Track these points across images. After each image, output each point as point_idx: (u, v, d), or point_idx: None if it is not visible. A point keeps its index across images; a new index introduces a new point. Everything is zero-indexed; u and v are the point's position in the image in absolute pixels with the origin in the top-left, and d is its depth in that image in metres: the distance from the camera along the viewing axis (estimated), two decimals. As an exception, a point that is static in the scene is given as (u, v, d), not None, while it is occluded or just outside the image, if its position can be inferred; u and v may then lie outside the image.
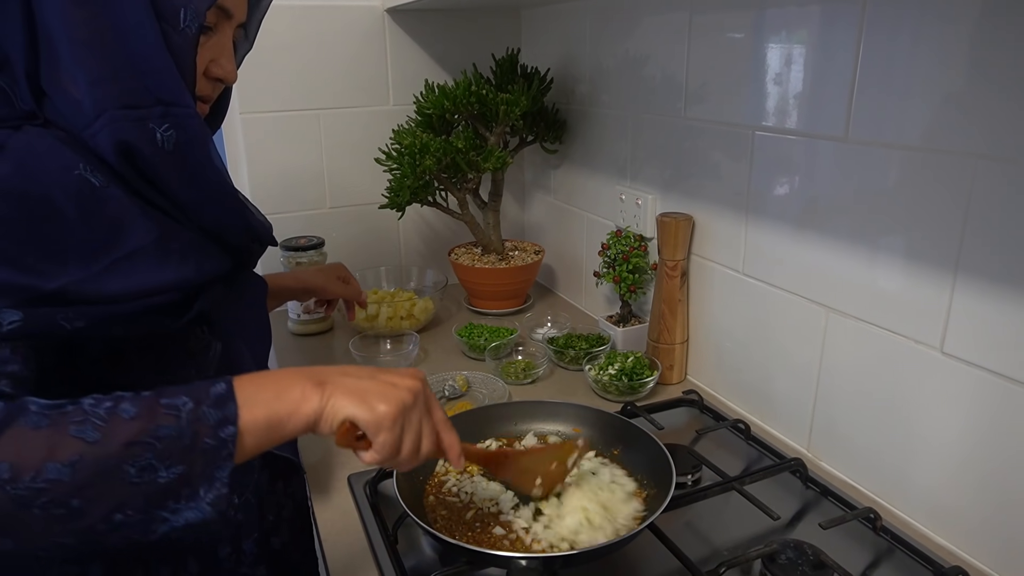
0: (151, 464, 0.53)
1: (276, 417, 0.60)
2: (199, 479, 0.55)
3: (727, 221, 1.15)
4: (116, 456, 0.52)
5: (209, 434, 0.55)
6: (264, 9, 0.81)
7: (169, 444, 0.53)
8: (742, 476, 0.96)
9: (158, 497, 0.53)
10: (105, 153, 0.63)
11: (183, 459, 0.54)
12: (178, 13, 0.64)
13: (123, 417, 0.53)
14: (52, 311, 0.58)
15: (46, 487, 0.50)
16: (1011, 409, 0.78)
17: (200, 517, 0.55)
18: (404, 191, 1.44)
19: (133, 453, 0.52)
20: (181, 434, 0.54)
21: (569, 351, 1.33)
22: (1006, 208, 0.75)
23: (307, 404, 0.61)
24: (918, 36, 0.81)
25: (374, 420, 0.63)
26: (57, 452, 0.51)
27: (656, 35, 1.25)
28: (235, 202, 0.74)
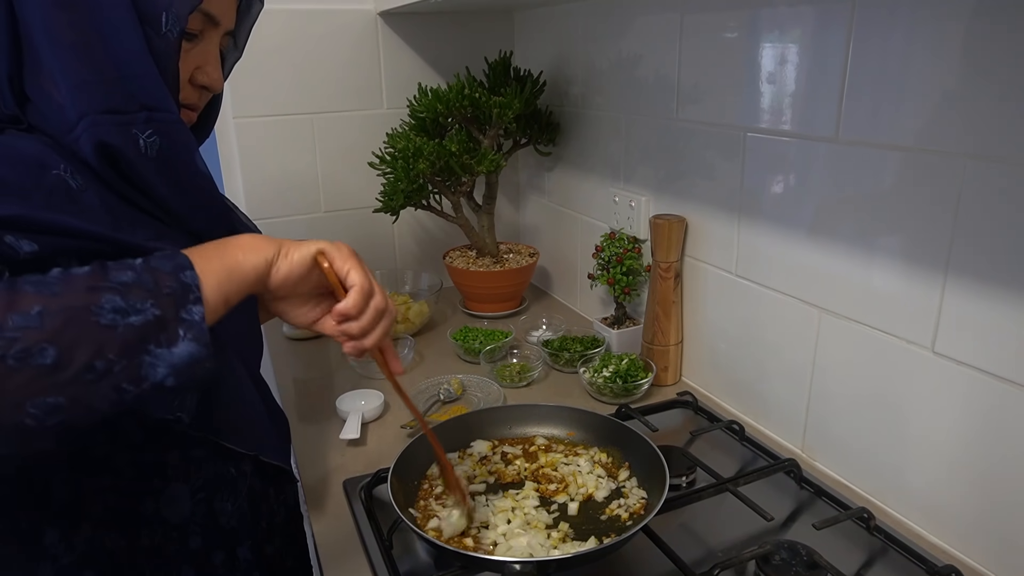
0: (119, 306, 0.52)
1: (232, 260, 0.61)
2: (174, 322, 0.54)
3: (720, 222, 1.15)
4: (80, 301, 0.51)
5: (169, 280, 0.56)
6: (253, 18, 0.81)
7: (130, 288, 0.53)
8: (736, 477, 0.96)
9: (136, 340, 0.52)
10: (88, 157, 0.63)
11: (152, 300, 0.53)
12: (160, 17, 0.63)
13: (76, 274, 0.53)
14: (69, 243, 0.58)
15: (16, 335, 0.48)
16: (1001, 408, 0.78)
17: (188, 352, 0.55)
18: (398, 195, 1.45)
19: (97, 297, 0.52)
20: (140, 280, 0.54)
21: (564, 354, 1.33)
22: (995, 208, 0.75)
23: (261, 246, 0.64)
24: (907, 37, 0.81)
25: (340, 253, 0.67)
26: (17, 305, 0.50)
27: (648, 36, 1.25)
28: (221, 208, 0.74)
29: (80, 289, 0.52)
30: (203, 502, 0.75)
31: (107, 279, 0.53)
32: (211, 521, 0.76)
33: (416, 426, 1.14)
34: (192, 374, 0.56)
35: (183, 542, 0.74)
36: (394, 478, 0.87)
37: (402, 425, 1.16)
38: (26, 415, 0.49)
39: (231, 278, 0.61)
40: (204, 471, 0.75)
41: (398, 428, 1.16)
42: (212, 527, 0.76)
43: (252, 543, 0.81)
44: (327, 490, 1.01)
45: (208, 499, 0.76)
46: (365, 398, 1.21)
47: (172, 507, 0.73)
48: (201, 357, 0.56)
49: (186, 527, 0.74)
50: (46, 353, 0.49)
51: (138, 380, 0.53)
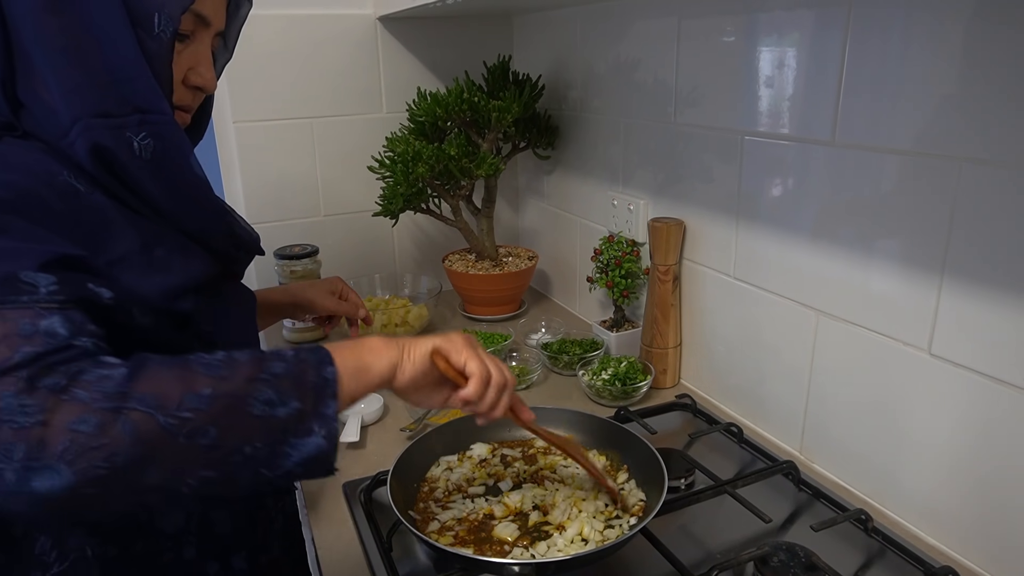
0: (270, 399, 0.57)
1: (363, 362, 0.66)
2: (311, 415, 0.58)
3: (718, 226, 1.16)
4: (241, 390, 0.56)
5: (313, 373, 0.60)
6: (243, 18, 0.80)
7: (282, 380, 0.58)
8: (735, 479, 0.97)
9: (279, 431, 0.57)
10: (83, 161, 0.63)
11: (296, 394, 0.58)
12: (152, 18, 0.64)
13: (239, 360, 0.58)
14: (80, 276, 0.59)
15: (189, 416, 0.53)
16: (998, 409, 0.79)
17: (318, 447, 0.58)
18: (397, 198, 1.45)
19: (254, 387, 0.57)
20: (289, 372, 0.59)
21: (563, 356, 1.34)
22: (990, 211, 0.76)
23: (387, 350, 0.69)
24: (902, 42, 0.82)
25: (455, 347, 0.73)
26: (193, 385, 0.55)
27: (646, 40, 1.26)
28: (217, 209, 0.75)
29: (241, 378, 0.57)
30: (197, 511, 0.75)
31: (263, 370, 0.58)
32: (206, 530, 0.76)
33: (416, 428, 1.15)
34: (315, 467, 0.59)
35: (177, 551, 0.73)
36: (393, 481, 0.87)
37: (401, 428, 1.16)
38: (185, 484, 0.54)
39: (360, 378, 0.66)
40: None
41: (397, 431, 1.16)
42: (207, 536, 0.76)
43: (248, 552, 0.81)
44: (326, 494, 1.02)
45: (203, 509, 0.75)
46: (364, 401, 1.21)
47: (166, 517, 0.72)
48: (327, 453, 0.59)
49: (180, 536, 0.73)
50: (208, 434, 0.54)
51: (274, 467, 0.57)
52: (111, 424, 0.51)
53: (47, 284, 0.55)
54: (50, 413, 0.50)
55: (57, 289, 0.56)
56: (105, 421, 0.51)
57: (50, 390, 0.51)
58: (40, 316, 0.54)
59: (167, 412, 0.53)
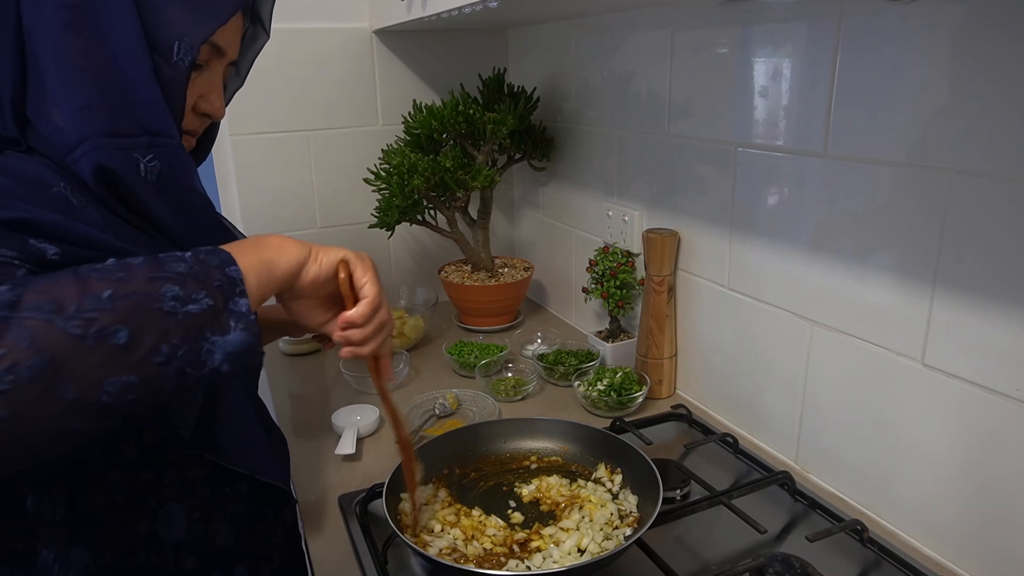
0: (178, 295, 0.55)
1: (267, 259, 0.64)
2: (225, 313, 0.57)
3: (712, 236, 1.16)
4: (144, 289, 0.54)
5: (217, 273, 0.59)
6: (258, 49, 0.83)
7: (186, 279, 0.56)
8: (730, 490, 0.97)
9: (196, 327, 0.55)
10: (87, 179, 0.64)
11: (205, 291, 0.57)
12: (172, 46, 0.65)
13: (133, 262, 0.56)
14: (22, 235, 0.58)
15: (93, 316, 0.51)
16: (991, 419, 0.79)
17: (242, 341, 0.58)
18: (393, 210, 1.46)
19: (159, 285, 0.55)
20: (192, 271, 0.57)
21: (559, 367, 1.34)
22: (981, 222, 0.76)
23: (293, 248, 0.67)
24: (892, 53, 0.82)
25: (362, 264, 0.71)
26: (89, 288, 0.52)
27: (640, 53, 1.27)
28: (216, 228, 0.75)
29: (142, 277, 0.55)
30: (199, 522, 0.75)
31: (163, 269, 0.56)
32: (207, 541, 0.76)
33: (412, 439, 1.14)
34: (244, 361, 0.58)
35: (178, 562, 0.74)
36: (389, 493, 0.87)
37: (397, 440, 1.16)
38: (104, 392, 0.51)
39: (268, 275, 0.64)
40: (200, 491, 0.75)
41: (393, 443, 1.16)
42: (208, 547, 0.76)
43: (249, 564, 0.81)
44: (322, 506, 1.01)
45: (204, 519, 0.75)
46: (360, 413, 1.22)
47: (167, 527, 0.73)
48: (252, 345, 0.59)
49: (181, 547, 0.74)
50: (119, 334, 0.51)
51: (198, 365, 0.56)
52: (3, 333, 0.47)
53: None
54: None
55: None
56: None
57: None
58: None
59: (67, 315, 0.50)
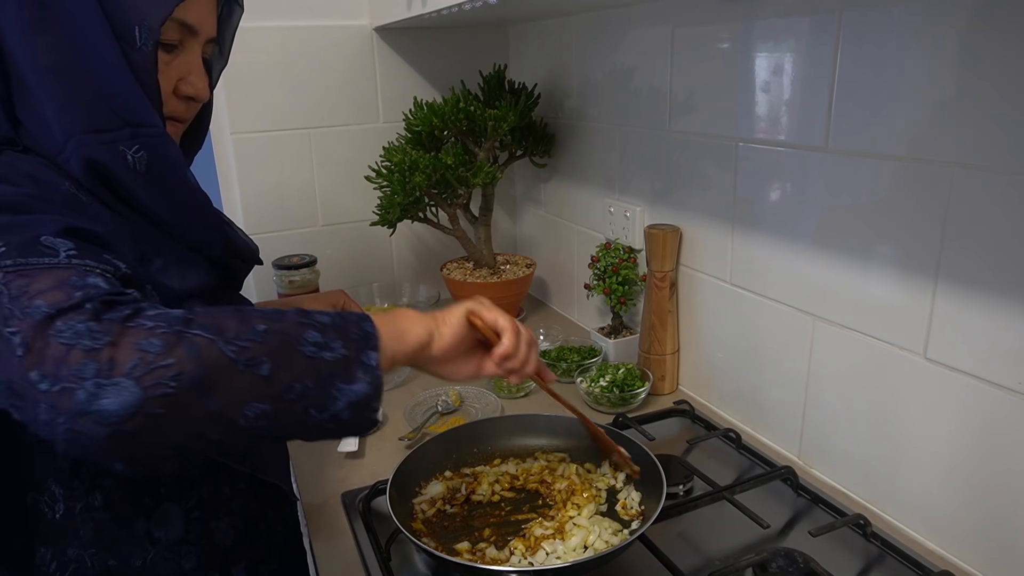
0: (319, 342, 0.59)
1: (400, 326, 0.69)
2: (355, 363, 0.61)
3: (714, 232, 1.16)
4: (292, 330, 0.59)
5: (355, 328, 0.63)
6: (235, 23, 0.80)
7: (327, 329, 0.61)
8: (733, 485, 0.97)
9: (327, 372, 0.59)
10: (79, 176, 0.64)
11: (341, 342, 0.61)
12: (133, 31, 0.64)
13: (286, 311, 0.62)
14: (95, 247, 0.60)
15: (247, 346, 0.56)
16: (994, 413, 0.79)
17: (364, 392, 0.61)
18: (395, 208, 1.46)
19: (304, 330, 0.60)
20: (334, 323, 0.62)
21: (561, 364, 1.34)
22: (982, 215, 0.76)
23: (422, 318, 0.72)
24: (892, 47, 0.82)
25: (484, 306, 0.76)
26: (248, 323, 0.58)
27: (640, 49, 1.27)
28: (213, 218, 0.75)
29: (291, 321, 0.60)
30: (197, 521, 0.75)
31: (311, 318, 0.61)
32: (206, 541, 0.76)
33: (414, 437, 1.15)
34: (362, 412, 0.61)
35: (176, 562, 0.74)
36: (392, 490, 0.87)
37: (400, 437, 1.16)
38: (242, 415, 0.56)
39: (399, 341, 0.68)
40: (199, 490, 0.75)
41: (396, 440, 1.16)
42: (207, 547, 0.76)
43: (248, 563, 0.81)
44: (326, 503, 1.02)
45: (203, 518, 0.75)
46: (363, 410, 1.22)
47: (165, 526, 0.73)
48: (372, 398, 0.62)
49: (179, 547, 0.74)
50: (264, 366, 0.56)
51: (322, 408, 0.59)
52: (176, 345, 0.53)
53: (66, 249, 0.57)
54: (118, 336, 0.52)
55: (76, 254, 0.57)
56: (170, 343, 0.53)
57: (115, 319, 0.53)
58: (84, 274, 0.56)
59: (227, 340, 0.55)
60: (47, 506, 0.67)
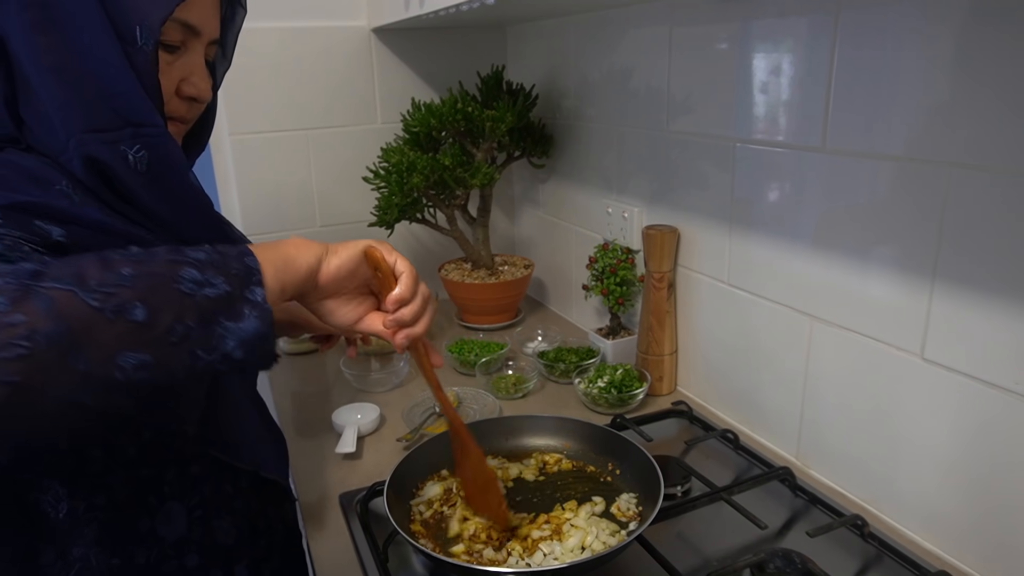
0: (196, 279, 0.56)
1: (285, 254, 0.65)
2: (239, 299, 0.58)
3: (712, 232, 1.16)
4: (164, 270, 0.55)
5: (234, 262, 0.59)
6: (239, 25, 0.80)
7: (205, 265, 0.57)
8: (731, 486, 0.97)
9: (210, 311, 0.56)
10: (81, 175, 0.64)
11: (223, 277, 0.57)
12: (134, 31, 0.64)
13: (156, 249, 0.57)
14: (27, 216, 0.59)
15: (113, 291, 0.51)
16: (991, 413, 0.79)
17: (255, 329, 0.58)
18: (392, 209, 1.46)
19: (179, 268, 0.56)
20: (212, 260, 0.58)
21: (559, 365, 1.34)
22: (980, 216, 0.76)
23: (311, 245, 0.67)
24: (889, 48, 0.82)
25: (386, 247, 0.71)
26: (111, 267, 0.53)
27: (638, 49, 1.27)
28: (213, 220, 0.75)
29: (162, 260, 0.56)
30: (200, 520, 0.75)
31: (184, 255, 0.57)
32: (208, 539, 0.76)
33: (412, 439, 1.15)
34: (255, 350, 0.58)
35: (180, 560, 0.74)
36: (390, 491, 0.87)
37: (398, 438, 1.16)
38: (116, 368, 0.51)
39: (287, 269, 0.64)
40: (201, 488, 0.75)
41: (394, 441, 1.16)
42: (209, 545, 0.76)
43: (250, 561, 0.81)
44: (323, 504, 1.01)
45: (205, 517, 0.76)
46: (361, 411, 1.22)
47: (168, 525, 0.73)
48: (265, 335, 0.59)
49: (183, 545, 0.74)
50: (136, 311, 0.52)
51: (210, 348, 0.56)
52: (23, 300, 0.48)
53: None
54: None
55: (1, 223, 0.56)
56: (16, 298, 0.48)
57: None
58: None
59: (87, 288, 0.51)
60: (50, 505, 0.67)
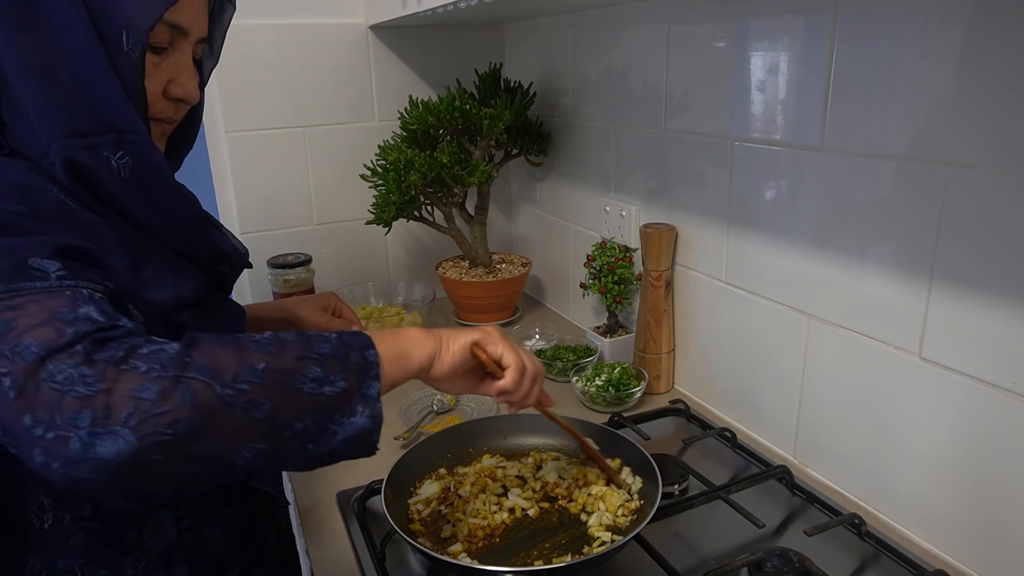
0: (318, 377, 0.58)
1: (403, 349, 0.68)
2: (356, 396, 0.60)
3: (710, 231, 1.16)
4: (292, 366, 0.58)
5: (356, 355, 0.62)
6: (227, 22, 0.79)
7: (329, 360, 0.60)
8: (728, 485, 0.97)
9: (326, 409, 0.58)
10: (62, 179, 0.63)
11: (342, 374, 0.60)
12: (120, 36, 0.63)
13: (287, 339, 0.60)
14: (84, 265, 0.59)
15: (245, 388, 0.55)
16: (988, 412, 0.79)
17: (363, 427, 0.60)
18: (390, 207, 1.45)
19: (304, 365, 0.58)
20: (336, 353, 0.61)
21: (557, 363, 1.34)
22: (978, 215, 0.76)
23: (427, 340, 0.72)
24: (887, 47, 0.82)
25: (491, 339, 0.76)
26: (247, 359, 0.56)
27: (636, 47, 1.26)
28: (198, 223, 0.74)
29: (292, 355, 0.59)
30: (189, 529, 0.74)
31: (312, 349, 0.60)
32: (198, 548, 0.75)
33: (409, 437, 1.15)
34: (359, 446, 0.61)
35: (168, 570, 0.73)
36: (387, 490, 0.87)
37: (395, 437, 1.16)
38: (239, 456, 0.55)
39: (401, 364, 0.68)
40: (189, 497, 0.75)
41: (391, 440, 1.16)
42: (199, 554, 0.75)
43: (241, 569, 0.80)
44: (320, 503, 1.01)
45: (194, 526, 0.75)
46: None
47: (156, 535, 0.72)
48: (370, 432, 0.61)
49: (171, 555, 0.73)
50: (263, 407, 0.55)
51: (321, 444, 0.59)
52: (172, 392, 0.52)
53: (55, 270, 0.56)
54: (112, 382, 0.51)
55: (66, 274, 0.56)
56: (166, 389, 0.52)
57: (108, 362, 0.52)
58: (75, 303, 0.55)
59: (224, 383, 0.54)
60: (35, 516, 0.66)
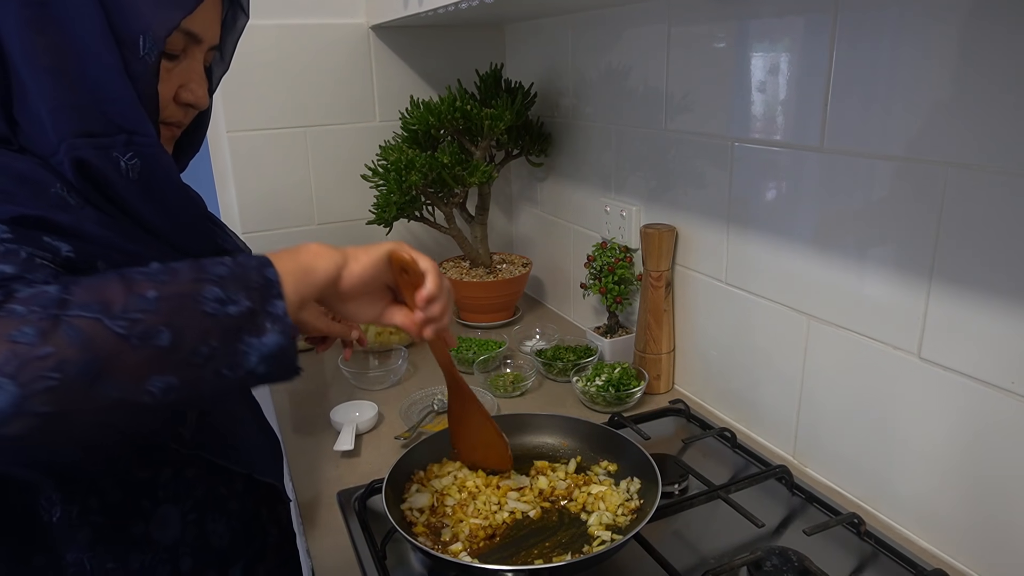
0: (219, 296, 0.55)
1: (305, 263, 0.64)
2: (262, 315, 0.57)
3: (710, 231, 1.16)
4: (188, 290, 0.55)
5: (255, 275, 0.59)
6: (239, 31, 0.80)
7: (227, 281, 0.57)
8: (728, 484, 0.97)
9: (233, 329, 0.56)
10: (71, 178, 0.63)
11: (244, 292, 0.57)
12: (137, 41, 0.63)
13: (178, 266, 0.57)
14: (35, 232, 0.58)
15: (139, 317, 0.51)
16: (987, 412, 0.79)
17: (277, 344, 0.58)
18: (391, 207, 1.46)
19: (200, 287, 0.55)
20: (232, 274, 0.58)
21: (557, 363, 1.34)
22: (977, 215, 0.76)
23: (330, 252, 0.67)
24: (887, 47, 0.82)
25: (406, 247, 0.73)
26: (135, 289, 0.53)
27: (636, 48, 1.27)
28: (205, 226, 0.75)
29: (185, 279, 0.55)
30: (194, 523, 0.75)
31: (206, 271, 0.57)
32: (202, 542, 0.76)
33: (410, 436, 1.15)
34: (278, 364, 0.58)
35: (174, 563, 0.73)
36: (388, 489, 0.87)
37: (396, 436, 1.16)
38: (145, 393, 0.51)
39: (306, 279, 0.64)
40: (195, 491, 0.75)
41: (392, 439, 1.16)
42: (203, 548, 0.76)
43: (245, 564, 0.81)
44: (321, 502, 1.02)
45: (199, 520, 0.75)
46: (359, 409, 1.22)
47: (162, 529, 0.72)
48: (287, 348, 0.58)
49: (177, 548, 0.73)
50: (162, 335, 0.52)
51: (235, 366, 0.56)
52: (52, 331, 0.48)
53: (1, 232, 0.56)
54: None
55: (11, 237, 0.56)
56: (45, 329, 0.48)
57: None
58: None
59: (113, 315, 0.50)
60: (43, 509, 0.67)
